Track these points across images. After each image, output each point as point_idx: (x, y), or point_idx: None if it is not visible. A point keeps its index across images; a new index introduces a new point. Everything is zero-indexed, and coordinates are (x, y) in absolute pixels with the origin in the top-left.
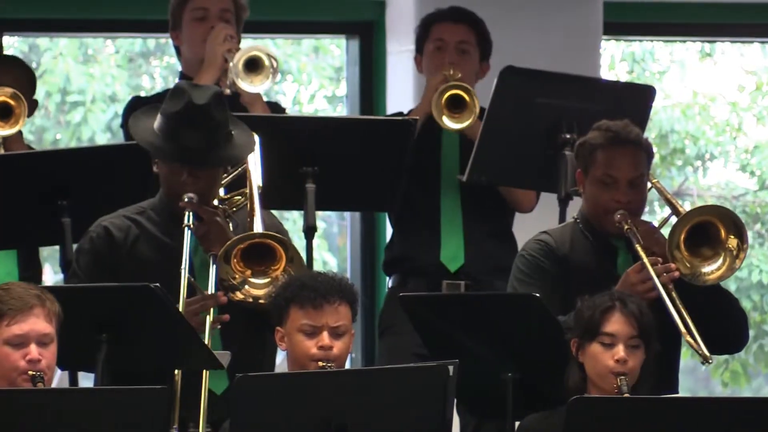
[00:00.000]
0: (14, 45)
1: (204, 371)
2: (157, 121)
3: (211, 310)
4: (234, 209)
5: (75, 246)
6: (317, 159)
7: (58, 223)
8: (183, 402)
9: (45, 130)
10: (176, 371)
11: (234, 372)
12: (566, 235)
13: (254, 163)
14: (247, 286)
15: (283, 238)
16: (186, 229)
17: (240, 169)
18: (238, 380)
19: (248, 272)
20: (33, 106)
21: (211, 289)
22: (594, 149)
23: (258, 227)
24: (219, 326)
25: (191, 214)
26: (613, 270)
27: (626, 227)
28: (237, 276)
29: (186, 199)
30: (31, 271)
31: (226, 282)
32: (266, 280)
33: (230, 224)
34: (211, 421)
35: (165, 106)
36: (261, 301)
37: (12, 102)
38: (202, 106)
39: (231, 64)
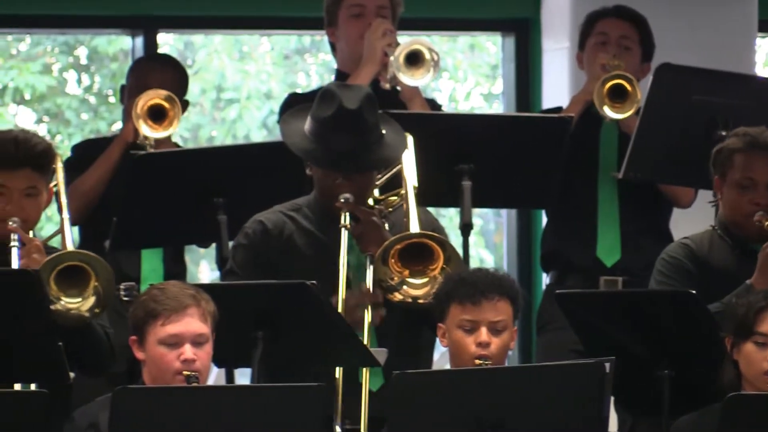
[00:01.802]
0: (169, 42)
1: (362, 368)
2: (308, 124)
3: (369, 308)
4: (390, 209)
5: (231, 243)
6: (474, 156)
7: (214, 221)
8: (342, 398)
9: (200, 127)
10: (338, 369)
11: (390, 369)
12: (705, 240)
13: (409, 163)
14: (405, 287)
15: (440, 237)
16: (342, 229)
17: (395, 168)
18: (396, 377)
19: (406, 272)
20: (184, 106)
21: (368, 285)
22: (731, 153)
23: (415, 227)
24: (378, 320)
25: (347, 214)
26: (752, 274)
27: (767, 224)
28: (395, 277)
29: (342, 200)
30: (176, 268)
31: (385, 283)
32: (424, 280)
33: (386, 224)
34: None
35: (315, 110)
36: (420, 301)
37: (166, 104)
38: (354, 110)
39: (392, 58)
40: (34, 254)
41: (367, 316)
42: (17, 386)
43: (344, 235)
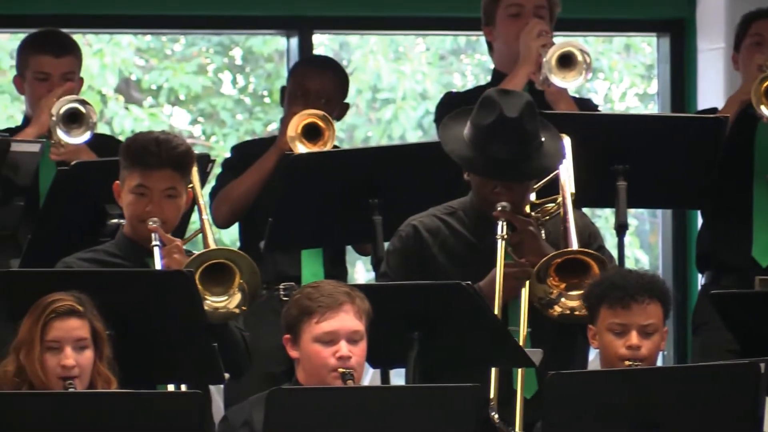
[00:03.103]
0: (324, 43)
1: (517, 372)
2: (467, 130)
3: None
4: (547, 217)
5: (386, 244)
6: (629, 157)
7: (369, 222)
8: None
9: (356, 127)
10: (493, 370)
11: (545, 371)
12: None
13: (566, 170)
14: (563, 299)
15: (597, 254)
16: (500, 240)
17: (552, 175)
18: (551, 378)
19: (563, 285)
20: (344, 109)
21: (523, 299)
22: None
23: (573, 242)
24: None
25: (504, 223)
26: None
27: None
28: (553, 291)
29: (499, 208)
30: (337, 270)
31: (543, 300)
32: (581, 292)
33: (543, 232)
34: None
35: (475, 116)
36: (576, 313)
37: (321, 124)
38: (514, 119)
39: (544, 59)
40: (175, 254)
41: (522, 339)
42: (170, 387)
43: (500, 245)
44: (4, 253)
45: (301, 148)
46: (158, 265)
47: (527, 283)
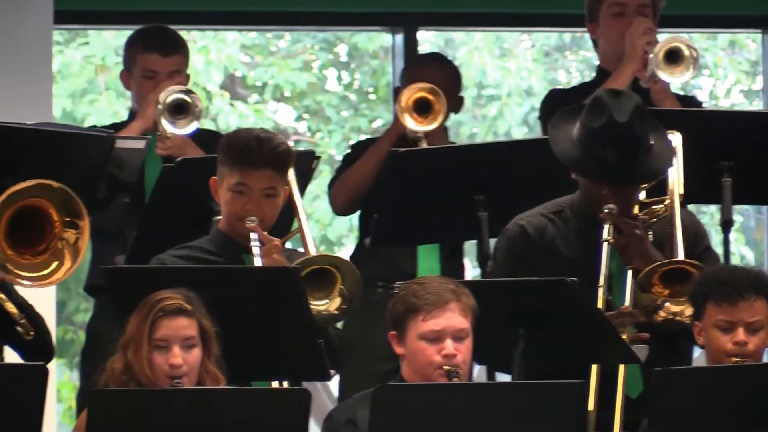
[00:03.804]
0: (429, 39)
1: (620, 370)
2: (576, 131)
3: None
4: (654, 219)
5: (492, 241)
6: (734, 153)
7: (475, 218)
8: (600, 402)
9: (461, 124)
10: (593, 366)
11: (650, 369)
12: None
13: (675, 171)
14: (667, 304)
15: (701, 265)
16: (604, 243)
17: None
18: (657, 374)
19: (666, 292)
20: (459, 103)
21: (627, 302)
22: None
23: (680, 248)
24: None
25: (610, 226)
26: None
27: None
28: (657, 299)
29: (606, 211)
30: (453, 265)
31: (649, 307)
32: (683, 298)
33: (650, 235)
34: (625, 423)
35: (584, 118)
36: (679, 318)
37: (431, 97)
38: (624, 123)
39: (651, 55)
40: (274, 254)
41: (625, 336)
42: (274, 384)
43: (605, 248)
44: (109, 250)
45: (410, 122)
46: (257, 264)
47: (631, 284)
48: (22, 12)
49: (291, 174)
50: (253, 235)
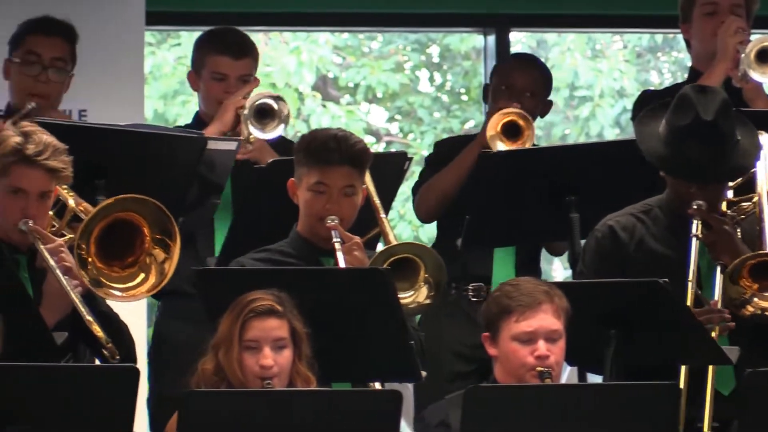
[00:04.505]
0: (521, 40)
1: (710, 369)
2: (663, 128)
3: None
4: (742, 216)
5: (582, 242)
6: None
7: (567, 219)
8: (690, 400)
9: (553, 125)
10: (683, 367)
11: (742, 369)
12: None
13: (764, 168)
14: (755, 299)
15: None
16: (693, 238)
17: (750, 172)
18: (748, 376)
19: (755, 286)
20: (548, 106)
21: (716, 297)
22: None
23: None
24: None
25: (699, 222)
26: None
27: None
28: (746, 292)
29: (695, 207)
30: (529, 271)
31: (736, 301)
32: None
33: (738, 231)
34: (717, 422)
35: (671, 115)
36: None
37: (521, 122)
38: (710, 121)
39: (742, 55)
40: (356, 252)
41: (714, 333)
42: (377, 385)
43: (694, 244)
44: (200, 252)
45: (500, 146)
46: (340, 262)
47: (720, 280)
48: (114, 14)
49: (368, 173)
50: (334, 234)
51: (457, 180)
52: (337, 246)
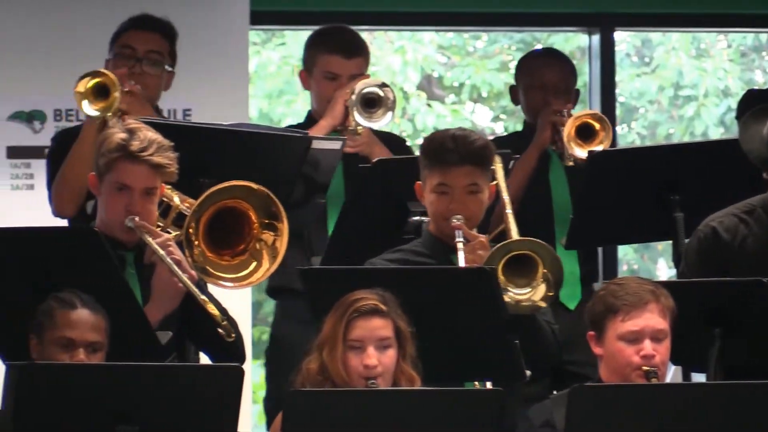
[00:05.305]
0: (626, 40)
1: None
2: (766, 130)
3: None
4: None
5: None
6: None
7: (671, 218)
8: None
9: (658, 124)
10: None
11: None
12: None
13: None
14: None
15: None
16: None
17: None
18: None
19: None
20: (576, 97)
21: None
22: None
23: None
24: None
25: None
26: None
27: None
28: None
29: None
30: (588, 268)
31: None
32: None
33: None
34: None
35: None
36: None
37: (596, 124)
38: None
39: None
40: (479, 251)
41: None
42: (476, 384)
43: None
44: (306, 251)
45: (577, 150)
46: (461, 261)
47: None
48: (218, 13)
49: (499, 170)
50: (458, 233)
51: (520, 184)
52: (460, 245)
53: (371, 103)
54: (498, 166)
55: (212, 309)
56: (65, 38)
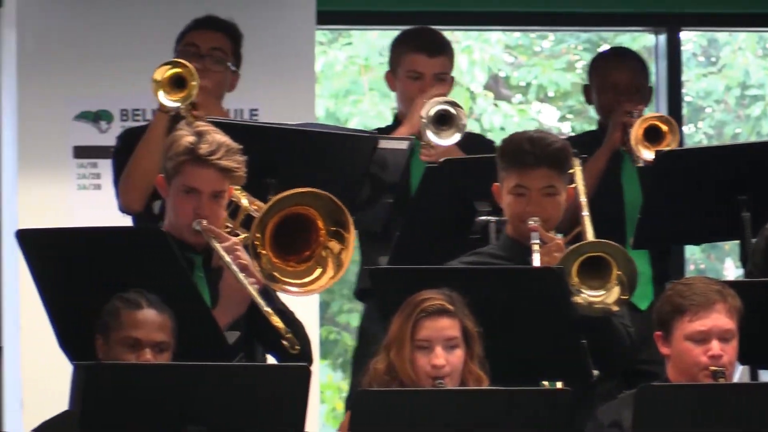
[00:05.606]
0: (692, 39)
1: None
2: None
3: None
4: None
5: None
6: None
7: (738, 218)
8: None
9: (725, 124)
10: None
11: None
12: None
13: None
14: None
15: None
16: None
17: None
18: None
19: None
20: (650, 94)
21: None
22: None
23: None
24: None
25: None
26: None
27: None
28: None
29: None
30: (660, 269)
31: None
32: None
33: None
34: None
35: None
36: None
37: (664, 127)
38: None
39: None
40: (555, 252)
41: None
42: (545, 384)
43: None
44: (373, 251)
45: (644, 153)
46: (536, 263)
47: None
48: (285, 13)
49: (578, 171)
50: (534, 235)
51: (590, 184)
52: (535, 247)
53: (443, 120)
54: (577, 169)
55: (276, 321)
56: (132, 39)
